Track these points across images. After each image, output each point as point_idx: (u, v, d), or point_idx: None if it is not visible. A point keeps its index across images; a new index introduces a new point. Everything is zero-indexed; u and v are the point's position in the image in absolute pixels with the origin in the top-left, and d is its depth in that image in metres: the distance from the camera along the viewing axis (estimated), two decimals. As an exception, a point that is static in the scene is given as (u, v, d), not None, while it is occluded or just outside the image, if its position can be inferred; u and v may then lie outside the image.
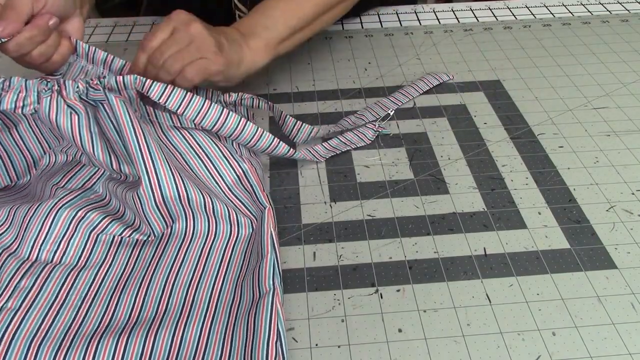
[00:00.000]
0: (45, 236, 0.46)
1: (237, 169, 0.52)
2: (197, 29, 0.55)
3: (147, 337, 0.41)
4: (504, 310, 0.44)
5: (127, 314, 0.43)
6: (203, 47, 0.54)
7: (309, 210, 0.53)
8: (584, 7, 0.86)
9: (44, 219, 0.47)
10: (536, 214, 0.52)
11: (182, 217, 0.49)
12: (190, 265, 0.47)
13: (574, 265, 0.47)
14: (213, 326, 0.42)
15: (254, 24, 0.61)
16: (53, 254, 0.46)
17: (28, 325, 0.41)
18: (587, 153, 0.58)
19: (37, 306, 0.42)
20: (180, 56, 0.53)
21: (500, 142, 0.60)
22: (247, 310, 0.42)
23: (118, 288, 0.45)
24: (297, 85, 0.71)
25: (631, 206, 0.52)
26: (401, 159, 0.58)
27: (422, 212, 0.52)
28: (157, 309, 0.43)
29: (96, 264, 0.46)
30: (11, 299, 0.42)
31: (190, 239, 0.49)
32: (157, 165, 0.47)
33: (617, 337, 0.42)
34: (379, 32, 0.82)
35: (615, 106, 0.65)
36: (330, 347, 0.42)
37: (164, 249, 0.48)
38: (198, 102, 0.51)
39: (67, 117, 0.48)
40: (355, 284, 0.46)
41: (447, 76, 0.70)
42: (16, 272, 0.44)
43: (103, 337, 0.40)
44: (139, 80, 0.50)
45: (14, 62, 0.54)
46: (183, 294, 0.44)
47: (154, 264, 0.47)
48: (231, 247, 0.48)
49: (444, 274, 0.47)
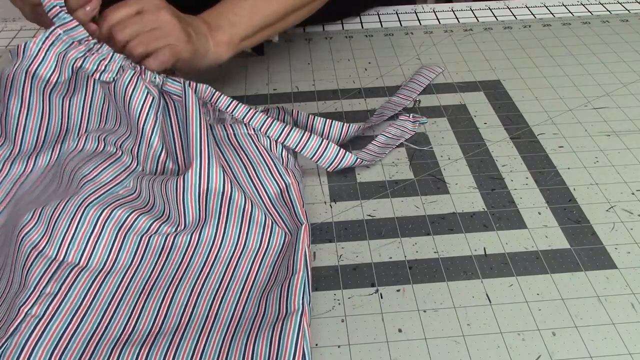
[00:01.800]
0: (72, 236, 0.45)
1: (280, 183, 0.51)
2: (166, 16, 0.55)
3: (170, 347, 0.40)
4: (504, 310, 0.44)
5: (151, 322, 0.42)
6: (171, 35, 0.54)
7: (309, 210, 0.53)
8: (584, 7, 0.86)
9: (72, 218, 0.46)
10: (536, 214, 0.52)
11: (216, 217, 0.48)
12: (217, 276, 0.46)
13: (574, 265, 0.47)
14: (234, 339, 0.41)
15: (221, 17, 0.61)
16: (80, 255, 0.45)
17: (51, 334, 0.40)
18: (587, 153, 0.58)
19: (61, 313, 0.41)
20: (145, 40, 0.53)
21: (500, 142, 0.60)
22: (272, 325, 0.40)
23: (143, 295, 0.44)
24: (297, 85, 0.71)
25: (631, 206, 0.52)
26: (401, 159, 0.58)
27: (422, 212, 0.52)
28: (180, 319, 0.42)
29: (122, 268, 0.45)
30: (36, 305, 0.41)
31: (218, 248, 0.48)
32: (211, 158, 0.48)
33: (617, 337, 0.42)
34: (379, 32, 0.82)
35: (615, 106, 0.65)
36: (330, 347, 0.42)
37: (191, 257, 0.47)
38: (261, 116, 0.54)
39: (142, 95, 0.50)
40: (355, 284, 0.46)
41: (440, 68, 0.72)
42: (42, 276, 0.43)
43: (125, 347, 0.40)
44: (209, 91, 0.53)
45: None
46: (208, 304, 0.43)
47: (181, 271, 0.46)
48: (260, 259, 0.47)
49: (444, 274, 0.47)
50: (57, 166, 0.54)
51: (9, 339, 0.39)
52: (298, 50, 0.78)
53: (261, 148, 0.54)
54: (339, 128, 0.58)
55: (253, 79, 0.72)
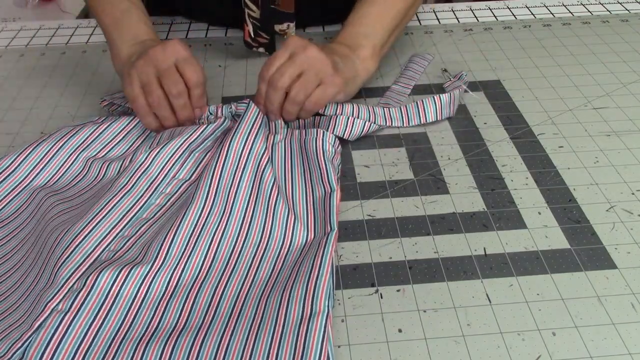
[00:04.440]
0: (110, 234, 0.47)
1: (326, 187, 0.52)
2: (314, 52, 0.58)
3: (194, 344, 0.40)
4: (504, 310, 0.44)
5: (175, 319, 0.42)
6: (322, 71, 0.58)
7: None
8: (584, 7, 0.86)
9: (98, 214, 0.48)
10: (536, 214, 0.52)
11: (243, 210, 0.50)
12: (241, 274, 0.46)
13: (574, 265, 0.47)
14: (259, 336, 0.41)
15: (356, 35, 0.65)
16: (114, 254, 0.46)
17: (76, 329, 0.40)
18: (587, 153, 0.58)
19: (86, 308, 0.41)
20: (304, 86, 0.58)
21: (500, 142, 0.60)
22: (297, 325, 0.41)
23: (167, 292, 0.44)
24: (297, 85, 0.71)
25: (631, 206, 0.52)
26: (401, 159, 0.58)
27: (422, 212, 0.52)
28: (205, 315, 0.42)
29: (147, 262, 0.45)
30: (62, 302, 0.41)
31: (242, 243, 0.48)
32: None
33: (617, 337, 0.42)
34: (379, 32, 0.82)
35: (615, 106, 0.65)
36: (330, 347, 0.42)
37: (214, 255, 0.47)
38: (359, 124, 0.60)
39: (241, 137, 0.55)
40: (355, 284, 0.46)
41: (430, 56, 0.74)
42: (73, 273, 0.43)
43: (150, 343, 0.40)
44: None
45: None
46: (232, 302, 0.43)
47: (206, 268, 0.46)
48: (283, 257, 0.47)
49: (444, 274, 0.47)
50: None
51: (34, 334, 0.39)
52: (298, 50, 0.78)
53: (320, 153, 0.55)
54: (361, 125, 0.60)
55: (253, 79, 0.72)
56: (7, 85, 0.73)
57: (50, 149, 0.56)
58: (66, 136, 0.57)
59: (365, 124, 0.60)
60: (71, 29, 0.86)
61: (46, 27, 0.87)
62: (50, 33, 0.85)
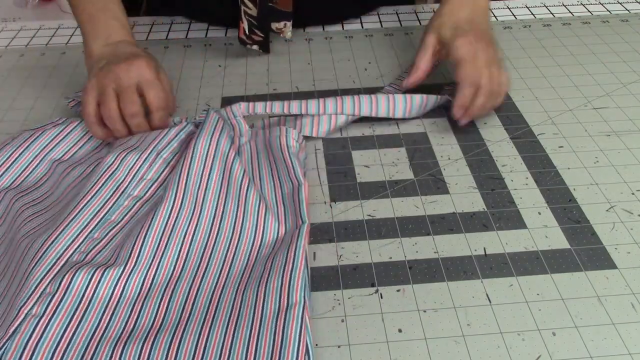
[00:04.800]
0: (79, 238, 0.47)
1: (294, 182, 0.53)
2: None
3: (172, 342, 0.40)
4: (504, 310, 0.44)
5: (151, 319, 0.42)
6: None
7: (309, 210, 0.53)
8: (584, 7, 0.86)
9: (70, 221, 0.47)
10: (536, 214, 0.52)
11: (217, 190, 0.50)
12: (215, 270, 0.46)
13: (574, 265, 0.47)
14: (237, 331, 0.41)
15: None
16: (84, 256, 0.46)
17: (52, 333, 0.40)
18: (587, 153, 0.58)
19: (61, 312, 0.41)
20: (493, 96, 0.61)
21: (500, 142, 0.60)
22: (274, 317, 0.41)
23: (142, 292, 0.44)
24: (297, 85, 0.71)
25: (631, 206, 0.52)
26: (401, 159, 0.58)
27: (422, 212, 0.52)
28: (181, 314, 0.42)
29: (120, 264, 0.45)
30: (36, 305, 0.41)
31: (214, 240, 0.48)
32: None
33: (617, 337, 0.42)
34: (379, 32, 0.82)
35: (615, 106, 0.65)
36: (330, 347, 0.42)
37: (187, 253, 0.47)
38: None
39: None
40: (355, 284, 0.46)
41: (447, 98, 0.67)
42: (44, 277, 0.43)
43: (127, 344, 0.40)
44: (243, 106, 0.60)
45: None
46: (208, 298, 0.44)
47: (179, 267, 0.46)
48: (256, 252, 0.48)
49: (444, 274, 0.47)
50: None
51: (9, 340, 0.39)
52: (298, 50, 0.78)
53: (285, 149, 0.56)
54: (327, 121, 0.61)
55: (253, 79, 0.72)
56: (7, 85, 0.73)
57: (14, 151, 0.56)
58: (30, 139, 0.57)
59: (332, 118, 0.61)
60: (71, 29, 0.86)
61: (46, 27, 0.86)
62: (50, 33, 0.85)
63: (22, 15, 1.38)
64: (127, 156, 0.53)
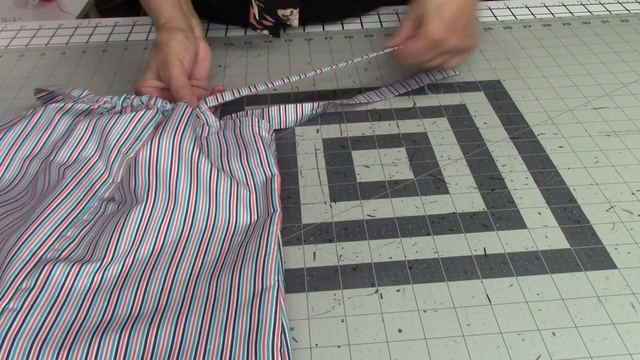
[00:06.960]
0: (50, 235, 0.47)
1: (267, 172, 0.54)
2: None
3: (150, 330, 0.41)
4: (504, 310, 0.44)
5: (129, 308, 0.43)
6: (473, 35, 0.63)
7: (309, 210, 0.53)
8: (584, 7, 0.86)
9: (41, 215, 0.48)
10: (536, 214, 0.52)
11: (187, 184, 0.51)
12: (190, 258, 0.47)
13: (574, 265, 0.47)
14: (214, 315, 0.42)
15: None
16: (59, 253, 0.46)
17: (30, 325, 0.41)
18: (587, 153, 0.58)
19: (39, 305, 0.42)
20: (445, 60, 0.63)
21: (500, 142, 0.60)
22: (250, 300, 0.42)
23: (118, 284, 0.45)
24: (297, 85, 0.71)
25: (631, 206, 0.52)
26: (401, 159, 0.58)
27: (422, 212, 0.52)
28: (158, 302, 0.43)
29: (97, 260, 0.46)
30: (13, 300, 0.42)
31: (189, 230, 0.49)
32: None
33: (617, 337, 0.42)
34: (379, 32, 0.82)
35: (615, 106, 0.65)
36: (330, 347, 0.42)
37: (162, 244, 0.48)
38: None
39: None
40: (355, 284, 0.46)
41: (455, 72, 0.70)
42: (19, 273, 0.44)
43: (105, 333, 0.41)
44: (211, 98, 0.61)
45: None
46: (184, 286, 0.45)
47: (155, 255, 0.47)
48: (229, 239, 0.49)
49: (444, 274, 0.47)
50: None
51: None
52: (298, 50, 0.78)
53: (258, 140, 0.57)
54: (293, 111, 0.63)
55: (253, 79, 0.72)
56: (7, 85, 0.73)
57: None
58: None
59: (297, 108, 0.62)
60: (71, 29, 0.86)
61: (46, 27, 0.87)
62: (50, 33, 0.85)
63: (22, 15, 1.38)
64: (97, 163, 0.54)
